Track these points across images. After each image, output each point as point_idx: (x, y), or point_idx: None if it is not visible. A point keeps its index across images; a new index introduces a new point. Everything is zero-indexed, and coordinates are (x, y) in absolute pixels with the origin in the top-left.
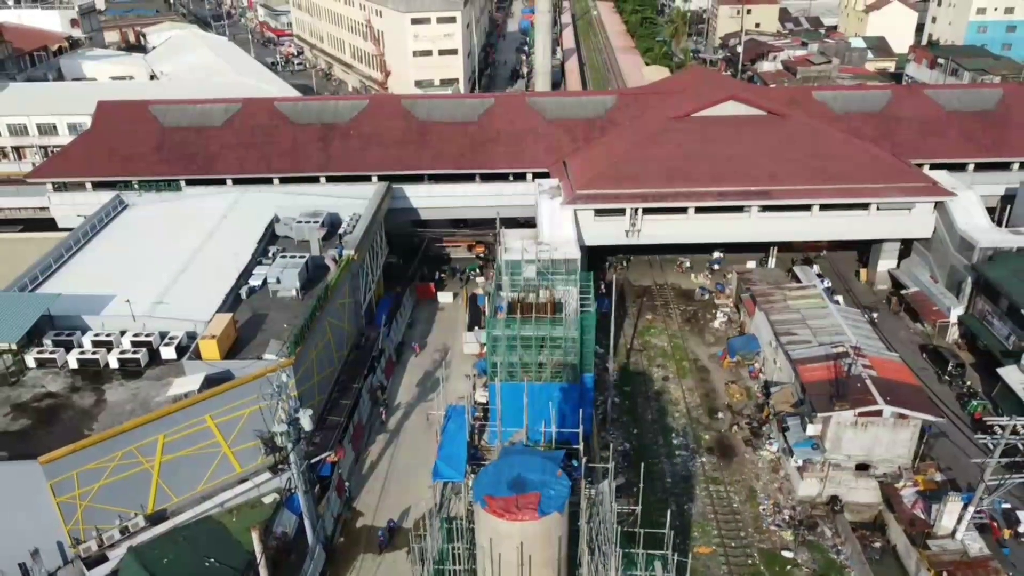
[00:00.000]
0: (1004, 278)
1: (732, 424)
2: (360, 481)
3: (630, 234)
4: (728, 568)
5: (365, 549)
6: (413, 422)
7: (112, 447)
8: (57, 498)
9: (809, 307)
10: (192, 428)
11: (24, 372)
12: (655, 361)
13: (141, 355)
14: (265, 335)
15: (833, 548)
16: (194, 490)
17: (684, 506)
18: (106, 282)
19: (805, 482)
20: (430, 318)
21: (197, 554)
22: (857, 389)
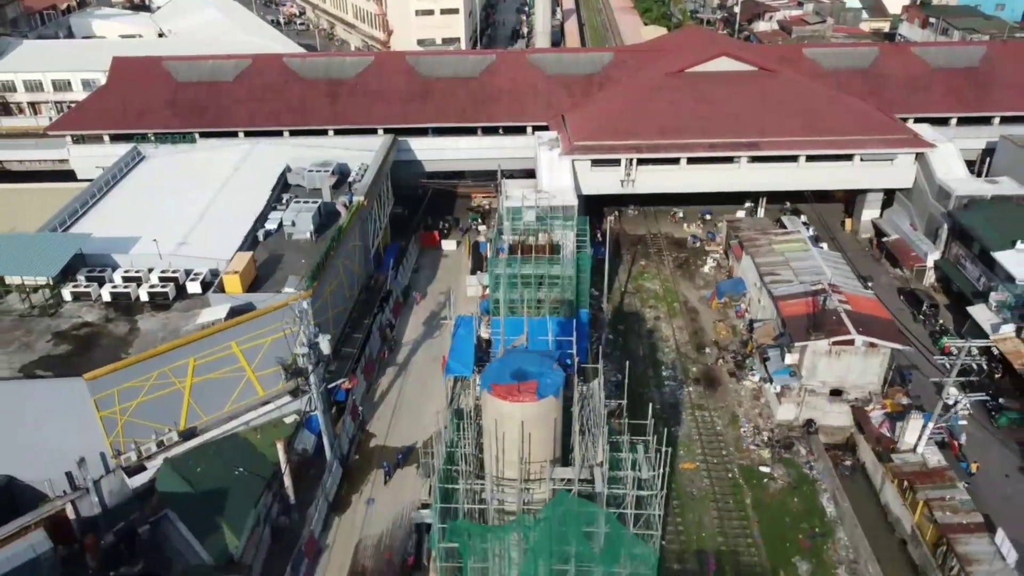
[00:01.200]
0: (977, 224)
1: (718, 358)
2: (371, 408)
3: (625, 184)
4: (710, 481)
5: (378, 466)
6: (420, 358)
7: (148, 368)
8: (100, 413)
9: (792, 250)
10: (219, 353)
11: (61, 305)
12: (647, 303)
13: (169, 289)
14: (283, 273)
15: (807, 464)
16: (221, 410)
17: (671, 429)
18: (130, 226)
19: (783, 407)
20: (434, 264)
21: (227, 465)
22: (832, 321)
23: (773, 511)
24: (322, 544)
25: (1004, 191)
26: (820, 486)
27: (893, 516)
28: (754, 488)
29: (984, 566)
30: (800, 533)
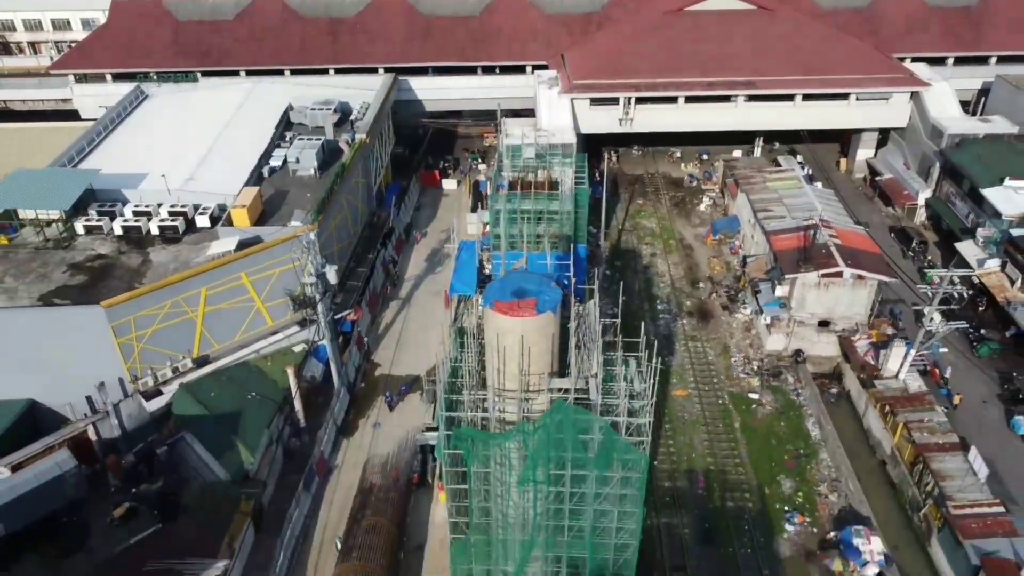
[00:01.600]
0: (967, 162)
1: (711, 292)
2: (376, 340)
3: (623, 122)
4: (701, 407)
5: (383, 393)
6: (422, 292)
7: (162, 296)
8: (117, 339)
9: (786, 188)
10: (229, 284)
11: (75, 238)
12: (644, 240)
13: (179, 223)
14: (288, 208)
15: (794, 391)
16: (232, 339)
17: (665, 359)
18: (137, 163)
19: (772, 337)
20: (435, 203)
21: (240, 390)
22: (822, 255)
23: (760, 434)
24: (332, 464)
25: (996, 130)
26: (806, 411)
27: (874, 439)
28: (743, 413)
29: (957, 481)
30: (785, 454)
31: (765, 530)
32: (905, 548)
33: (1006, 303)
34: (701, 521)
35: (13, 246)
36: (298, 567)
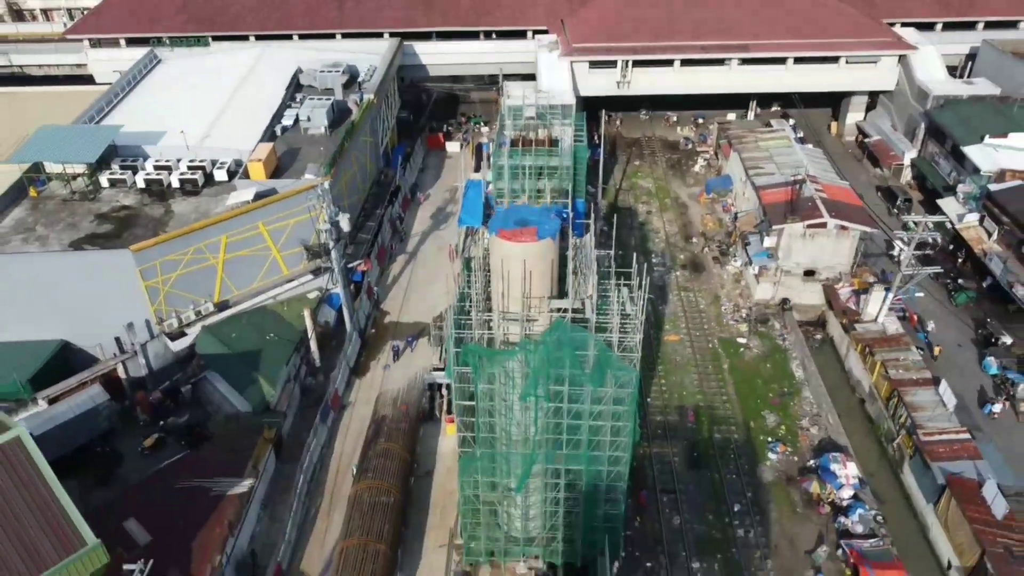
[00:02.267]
0: (950, 122)
1: (704, 247)
2: (385, 291)
3: (621, 85)
4: (692, 351)
5: (392, 339)
6: (427, 247)
7: (186, 243)
8: (145, 282)
9: (777, 146)
10: (248, 232)
11: (99, 191)
12: (640, 199)
13: (198, 177)
14: (301, 163)
15: (780, 336)
16: (250, 286)
17: (659, 307)
18: (155, 122)
19: (761, 286)
20: (439, 165)
21: (259, 331)
22: (808, 207)
23: (747, 375)
24: (345, 400)
25: (979, 91)
26: (791, 354)
27: (855, 379)
28: (731, 356)
29: (927, 412)
30: (770, 392)
31: (749, 458)
32: (879, 475)
33: (983, 254)
34: (690, 450)
35: (42, 198)
36: (316, 490)
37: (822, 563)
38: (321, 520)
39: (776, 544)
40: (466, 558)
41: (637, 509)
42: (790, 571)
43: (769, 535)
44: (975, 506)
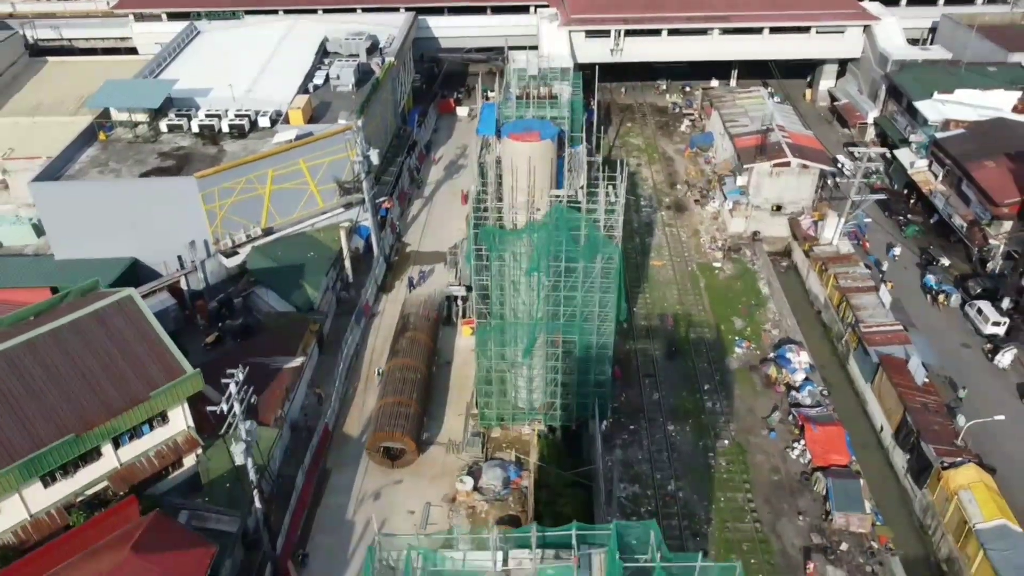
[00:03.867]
0: (906, 82)
1: (686, 192)
2: (405, 227)
3: (614, 52)
4: (673, 273)
5: (413, 261)
6: (442, 193)
7: (239, 173)
8: (205, 207)
9: (752, 104)
10: (290, 168)
11: (159, 135)
12: (631, 154)
13: (244, 123)
14: (332, 113)
15: (750, 262)
16: (291, 215)
17: (645, 240)
18: (202, 81)
19: (734, 220)
20: (450, 127)
21: (301, 250)
22: (775, 149)
23: (720, 291)
24: (375, 310)
25: (933, 56)
26: (759, 275)
27: (813, 294)
28: (707, 276)
29: (869, 311)
30: (739, 304)
31: (719, 352)
32: (829, 367)
33: (930, 193)
34: (669, 346)
35: (110, 141)
36: (353, 375)
37: (775, 424)
38: (358, 397)
39: (738, 412)
40: (481, 422)
41: (622, 388)
42: (748, 431)
43: (732, 406)
44: (901, 376)
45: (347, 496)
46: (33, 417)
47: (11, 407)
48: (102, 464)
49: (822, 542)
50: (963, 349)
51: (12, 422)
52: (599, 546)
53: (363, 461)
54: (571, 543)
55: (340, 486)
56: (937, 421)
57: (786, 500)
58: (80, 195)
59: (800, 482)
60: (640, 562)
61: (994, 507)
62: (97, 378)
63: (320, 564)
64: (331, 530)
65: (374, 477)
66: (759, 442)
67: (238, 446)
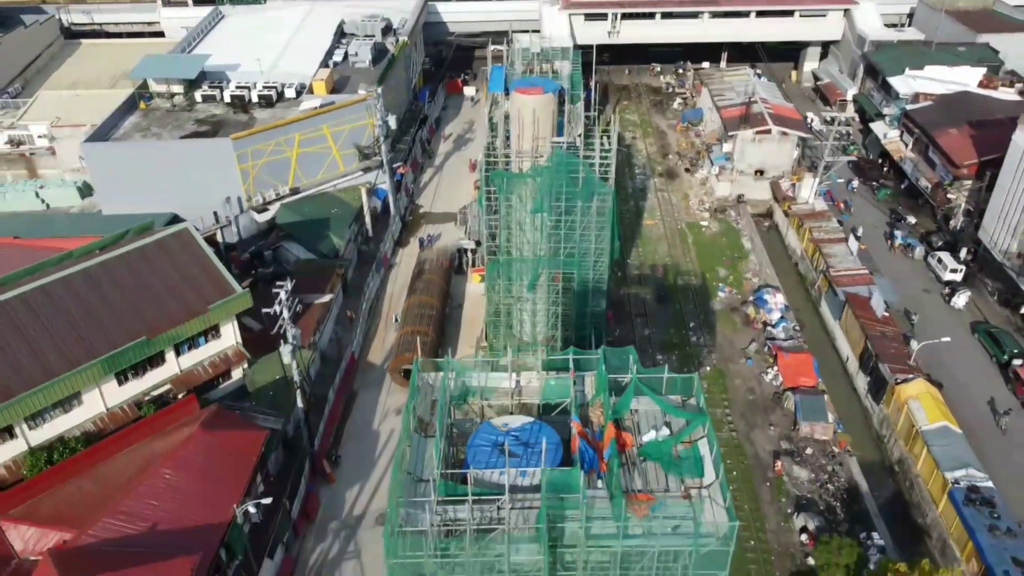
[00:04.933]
0: (881, 60)
1: (678, 161)
2: (417, 192)
3: (611, 35)
4: (664, 230)
5: (425, 223)
6: (451, 162)
7: (270, 136)
8: (239, 166)
9: (738, 81)
10: (315, 133)
11: (194, 104)
12: (627, 128)
13: (272, 93)
14: (351, 86)
15: (735, 221)
16: (315, 178)
17: (639, 203)
18: (231, 57)
19: (720, 184)
20: (458, 105)
21: (326, 207)
22: (757, 118)
23: (706, 246)
24: (392, 262)
25: (907, 37)
26: (742, 232)
27: (791, 248)
28: (695, 234)
29: (839, 259)
30: (723, 256)
31: (703, 296)
32: (804, 311)
33: (901, 160)
34: (659, 291)
35: (150, 110)
36: (374, 315)
37: (752, 354)
38: (379, 333)
39: (719, 345)
40: (490, 352)
41: (615, 326)
42: (728, 360)
43: (715, 340)
44: (864, 311)
45: (373, 411)
46: (109, 324)
47: (90, 315)
48: (165, 369)
49: (790, 447)
50: (924, 294)
51: (91, 328)
52: (590, 370)
53: (386, 383)
54: (568, 366)
55: (366, 404)
56: (894, 346)
57: (759, 415)
58: (126, 154)
59: (772, 401)
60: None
61: (938, 413)
62: (161, 294)
63: (350, 465)
64: (359, 438)
65: (396, 396)
66: (738, 369)
67: (286, 347)
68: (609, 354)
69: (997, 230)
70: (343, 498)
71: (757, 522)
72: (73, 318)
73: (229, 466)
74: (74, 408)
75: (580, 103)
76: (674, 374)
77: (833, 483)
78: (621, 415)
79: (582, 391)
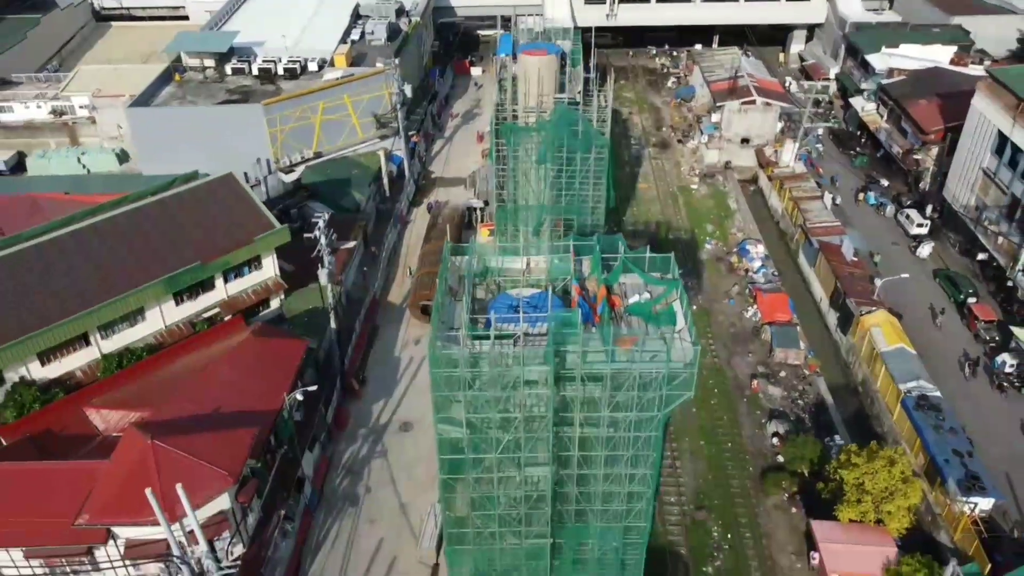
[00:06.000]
0: (861, 40)
1: (671, 133)
2: (429, 160)
3: (609, 17)
4: (657, 193)
5: (438, 185)
6: (460, 134)
7: (297, 103)
8: (268, 130)
9: (726, 59)
10: (337, 101)
11: (224, 77)
12: (624, 105)
13: (296, 67)
14: (369, 62)
15: (722, 185)
16: (336, 143)
17: (634, 169)
18: (256, 35)
19: (709, 152)
20: (466, 84)
21: (346, 169)
22: (743, 90)
23: (696, 206)
24: (408, 218)
25: (885, 19)
26: (729, 195)
27: (772, 208)
28: (685, 196)
29: (815, 213)
30: (711, 215)
31: (692, 248)
32: (781, 261)
33: (876, 131)
34: (651, 242)
35: (184, 81)
36: (393, 263)
37: (734, 295)
38: (397, 279)
39: (705, 288)
40: None
41: None
42: (713, 300)
43: (701, 284)
44: (835, 256)
45: (394, 342)
46: (167, 252)
47: (151, 244)
48: (215, 294)
49: (766, 371)
50: (893, 246)
51: (152, 254)
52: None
53: (405, 318)
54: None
55: (387, 336)
56: (860, 285)
57: (740, 345)
58: (166, 119)
59: (752, 333)
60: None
61: (896, 337)
62: (211, 228)
63: (375, 384)
64: (383, 363)
65: (414, 329)
66: (721, 308)
67: (323, 271)
68: (602, 240)
69: (958, 187)
70: (370, 411)
71: (735, 429)
72: (136, 246)
73: (276, 366)
74: (139, 323)
75: (580, 66)
76: (654, 254)
77: (803, 399)
78: (611, 284)
79: (580, 271)
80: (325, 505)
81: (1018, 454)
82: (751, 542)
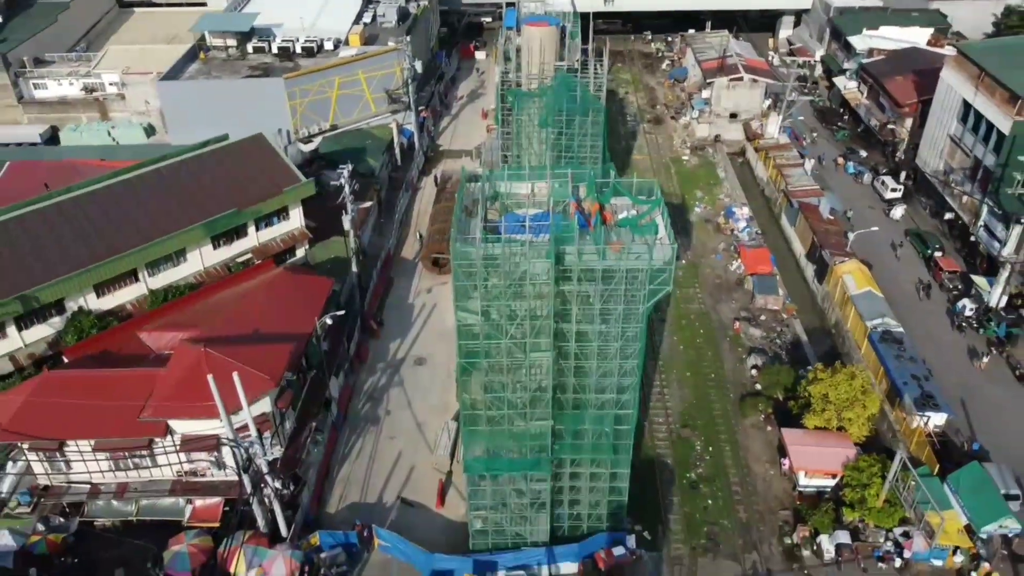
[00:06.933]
0: (844, 24)
1: (664, 111)
2: (437, 133)
3: (607, 2)
4: (651, 163)
5: (444, 157)
6: (466, 111)
7: (315, 78)
8: (289, 103)
9: (717, 41)
10: (352, 77)
11: (246, 55)
12: (620, 85)
13: (313, 46)
14: (381, 42)
15: (712, 157)
16: (351, 117)
17: (629, 143)
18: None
19: (700, 126)
20: (471, 68)
21: (361, 139)
22: (731, 68)
23: (686, 175)
24: (418, 186)
25: (867, 4)
26: (717, 165)
27: (758, 176)
28: (677, 166)
29: (795, 179)
30: (701, 183)
31: (683, 212)
32: (765, 224)
33: (857, 106)
34: None
35: (209, 59)
36: (405, 224)
37: (720, 251)
38: (409, 239)
39: (693, 245)
40: None
41: None
42: (701, 256)
43: (690, 242)
44: (813, 214)
45: (408, 291)
46: (206, 201)
47: (190, 195)
48: (248, 240)
49: (747, 315)
50: (868, 209)
51: (190, 203)
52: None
53: (418, 271)
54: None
55: (401, 286)
56: (835, 238)
57: (724, 293)
58: (194, 92)
59: (735, 284)
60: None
61: (865, 282)
62: (244, 181)
63: (391, 326)
64: (398, 308)
65: (426, 280)
66: (708, 262)
67: (347, 217)
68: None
69: (928, 153)
70: (387, 348)
71: (718, 363)
72: (178, 195)
73: (306, 297)
74: (181, 263)
75: (579, 38)
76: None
77: (780, 339)
78: (604, 203)
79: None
80: (349, 425)
81: (971, 383)
82: (730, 454)
